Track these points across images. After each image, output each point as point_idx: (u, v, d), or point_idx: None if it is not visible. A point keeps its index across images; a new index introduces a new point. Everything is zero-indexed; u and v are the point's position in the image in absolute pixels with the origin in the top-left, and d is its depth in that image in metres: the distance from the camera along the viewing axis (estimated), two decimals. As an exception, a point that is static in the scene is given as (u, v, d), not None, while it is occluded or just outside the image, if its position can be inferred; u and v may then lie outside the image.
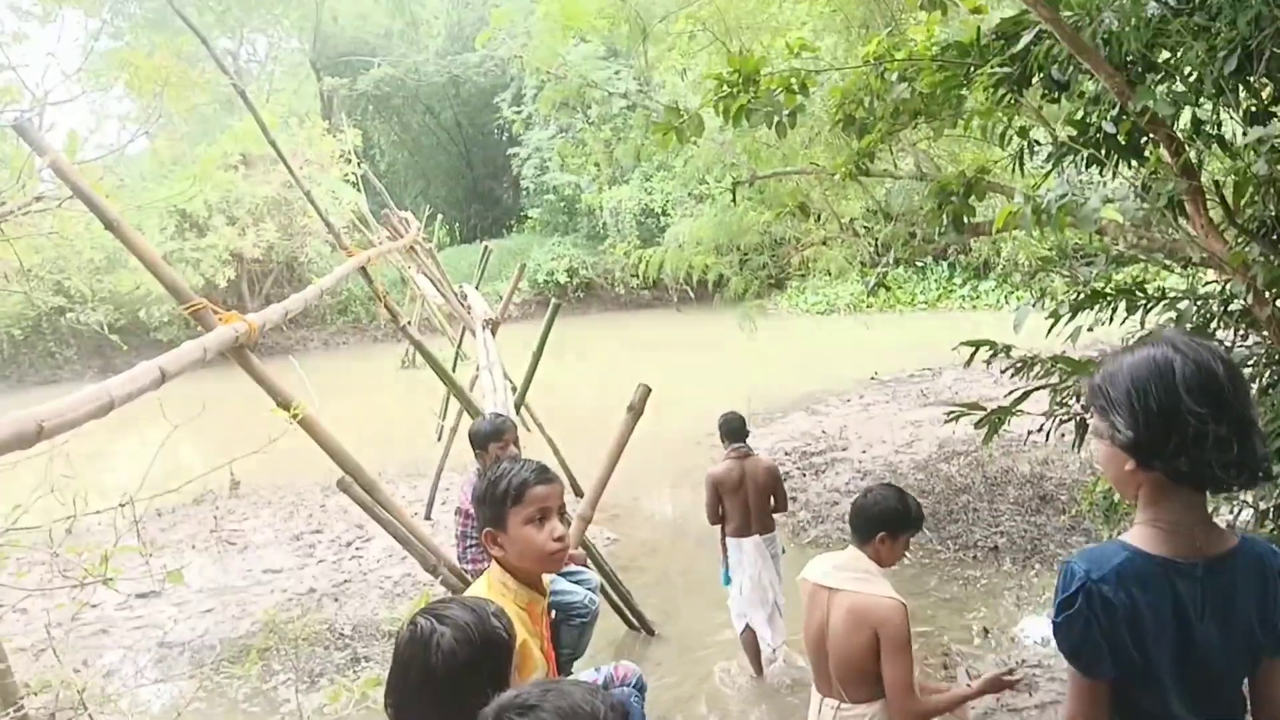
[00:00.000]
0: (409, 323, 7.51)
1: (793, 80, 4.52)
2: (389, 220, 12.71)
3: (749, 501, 5.63)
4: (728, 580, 5.75)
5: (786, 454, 10.78)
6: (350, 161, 20.70)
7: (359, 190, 15.77)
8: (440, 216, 21.61)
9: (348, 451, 3.66)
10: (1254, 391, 4.13)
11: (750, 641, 5.66)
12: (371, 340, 27.78)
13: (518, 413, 7.71)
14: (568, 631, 4.92)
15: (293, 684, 6.01)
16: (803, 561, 3.39)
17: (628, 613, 6.42)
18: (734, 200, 8.35)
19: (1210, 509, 1.97)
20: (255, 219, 24.74)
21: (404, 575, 8.01)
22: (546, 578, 4.01)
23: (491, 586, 2.49)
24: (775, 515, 5.72)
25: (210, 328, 3.37)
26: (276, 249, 25.27)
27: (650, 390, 4.30)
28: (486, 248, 12.11)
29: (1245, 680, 1.77)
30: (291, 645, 6.45)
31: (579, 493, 8.56)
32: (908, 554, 7.19)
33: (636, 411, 4.23)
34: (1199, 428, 1.64)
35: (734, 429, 5.83)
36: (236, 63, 34.33)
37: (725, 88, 4.70)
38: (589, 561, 5.79)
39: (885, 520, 3.12)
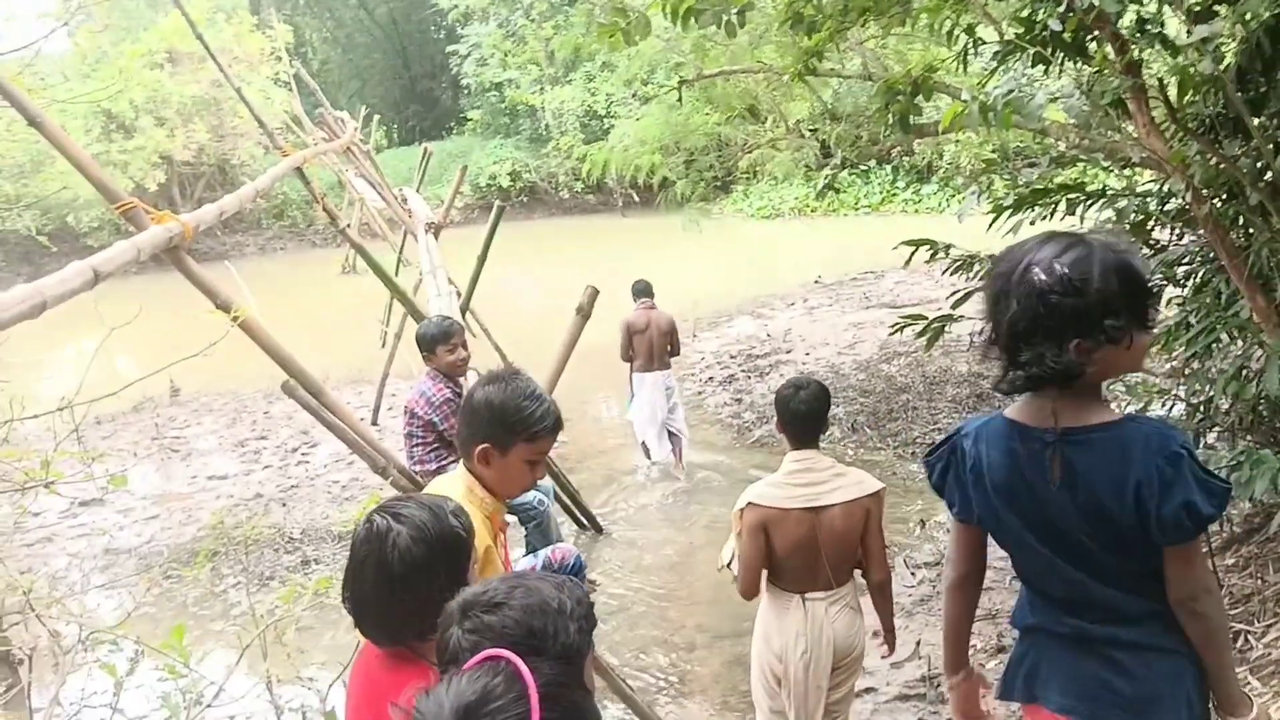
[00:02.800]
0: (348, 226, 7.34)
1: (742, -26, 4.41)
2: (324, 120, 12.30)
3: (653, 344, 7.38)
4: (632, 405, 7.49)
5: (732, 357, 10.90)
6: (281, 59, 19.88)
7: (291, 90, 15.20)
8: (377, 117, 20.93)
9: (291, 355, 3.61)
10: (1189, 288, 4.25)
11: (659, 450, 7.44)
12: (310, 245, 27.15)
13: (463, 317, 7.64)
14: (533, 533, 5.04)
15: (243, 586, 6.03)
16: (750, 460, 3.39)
17: (577, 512, 6.53)
18: (680, 100, 8.21)
19: (1144, 404, 2.07)
20: (184, 120, 23.78)
21: (352, 480, 8.01)
22: None
23: (461, 490, 2.50)
24: (671, 359, 7.53)
25: (143, 228, 3.27)
26: (207, 151, 24.39)
27: (598, 292, 4.29)
28: (426, 150, 11.81)
29: (1138, 555, 1.80)
30: (240, 549, 6.45)
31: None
32: (849, 451, 7.45)
33: (584, 314, 4.22)
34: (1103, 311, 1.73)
35: (643, 289, 7.60)
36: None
37: (672, -15, 4.58)
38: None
39: (828, 404, 3.18)
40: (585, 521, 6.58)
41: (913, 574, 5.36)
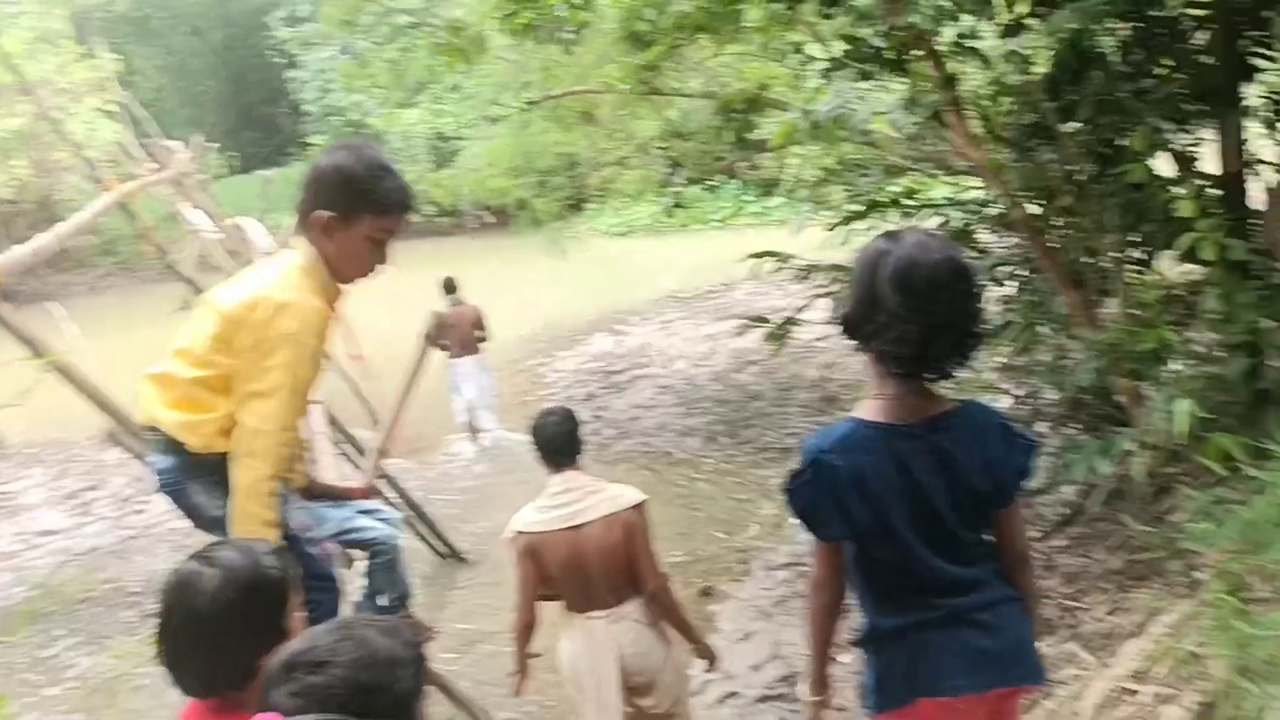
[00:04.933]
0: (181, 259, 7.00)
1: (575, -6, 4.46)
2: (152, 151, 11.69)
3: (464, 332, 8.45)
4: (453, 389, 8.61)
5: (590, 374, 10.90)
6: (108, 89, 18.82)
7: (121, 120, 14.39)
8: (215, 145, 20.08)
9: (114, 400, 3.40)
10: (1015, 288, 4.51)
11: (472, 428, 8.64)
12: (142, 282, 25.70)
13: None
14: (378, 572, 4.80)
15: (77, 648, 5.63)
16: (610, 475, 3.38)
17: (436, 542, 6.37)
18: (526, 123, 8.22)
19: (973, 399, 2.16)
20: (4, 155, 22.19)
21: (195, 528, 7.60)
22: (340, 513, 3.92)
23: (296, 266, 2.39)
24: (481, 344, 8.64)
25: (-55, 269, 3.02)
26: (29, 188, 22.82)
27: (442, 317, 4.23)
28: (267, 178, 11.39)
29: (983, 526, 1.98)
30: (70, 608, 6.03)
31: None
32: (707, 460, 7.56)
33: (430, 339, 4.14)
34: (891, 315, 1.79)
35: (449, 285, 8.72)
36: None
37: (509, 4, 4.60)
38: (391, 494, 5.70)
39: (578, 424, 3.19)
40: (446, 551, 6.42)
41: (770, 575, 5.48)
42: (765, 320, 4.88)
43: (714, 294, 14.55)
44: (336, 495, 4.06)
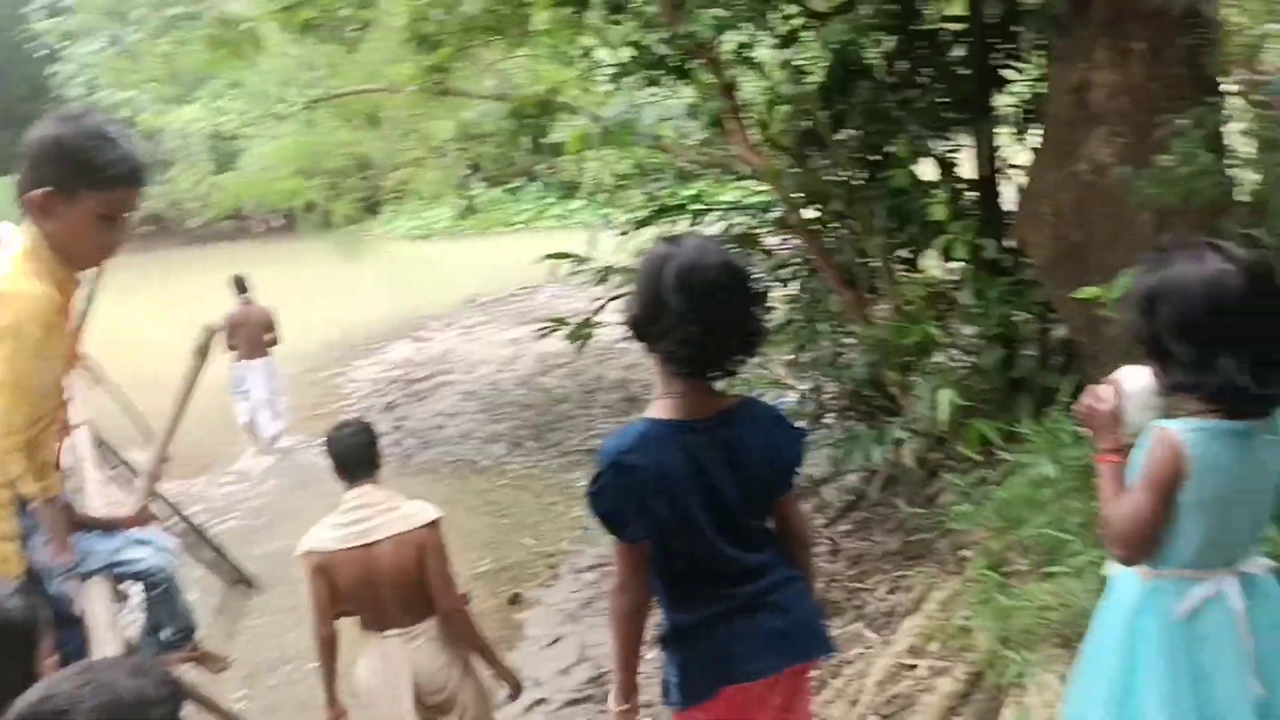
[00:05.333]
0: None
1: (356, -8, 4.31)
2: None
3: (253, 333, 8.23)
4: (234, 392, 8.30)
5: (391, 383, 10.61)
6: None
7: None
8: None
9: None
10: (796, 288, 4.72)
11: (255, 431, 8.44)
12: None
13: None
14: (155, 605, 4.44)
15: None
16: (412, 487, 3.27)
17: (224, 569, 6.00)
18: (311, 121, 7.88)
19: (761, 395, 2.28)
20: None
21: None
22: (110, 544, 3.61)
23: (17, 259, 2.16)
24: (271, 347, 8.41)
25: None
26: None
27: (215, 331, 3.97)
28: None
29: (766, 512, 2.07)
30: None
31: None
32: (513, 465, 7.50)
33: (203, 353, 3.87)
34: (674, 318, 1.84)
35: (240, 284, 8.47)
36: None
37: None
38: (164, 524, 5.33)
39: (375, 441, 3.13)
40: (235, 576, 6.06)
41: (577, 579, 5.49)
42: (565, 322, 4.89)
43: (517, 298, 14.47)
44: (105, 525, 3.75)
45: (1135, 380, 1.78)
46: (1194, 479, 1.66)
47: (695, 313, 1.83)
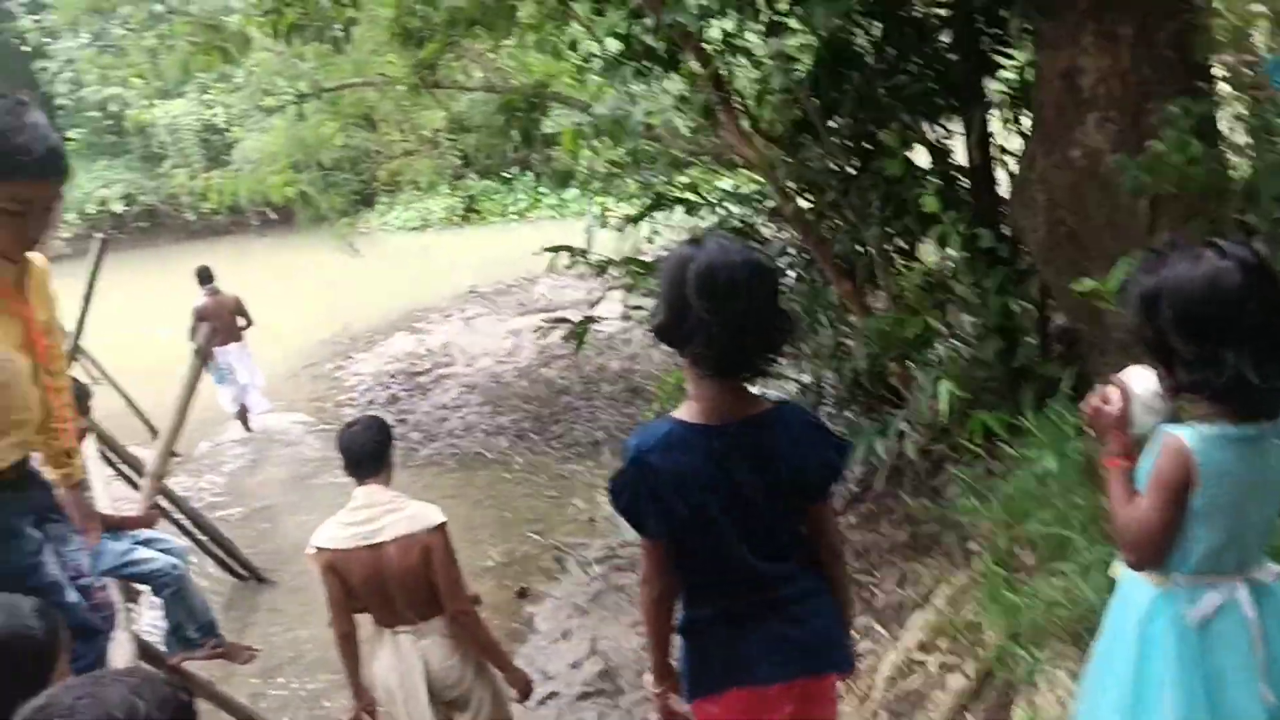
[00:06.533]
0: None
1: (340, -7, 4.27)
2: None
3: (226, 321, 8.32)
4: (220, 380, 8.49)
5: (392, 376, 10.58)
6: None
7: None
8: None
9: None
10: (794, 279, 4.70)
11: (243, 413, 8.82)
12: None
13: (74, 361, 6.83)
14: (171, 605, 4.47)
15: None
16: (418, 481, 3.24)
17: (232, 563, 6.02)
18: (301, 114, 7.82)
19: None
20: None
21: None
22: (119, 546, 3.62)
23: None
24: (245, 330, 8.69)
25: None
26: None
27: (217, 331, 3.97)
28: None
29: (796, 522, 2.05)
30: None
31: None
32: (517, 458, 7.50)
33: (204, 352, 3.89)
34: (699, 320, 1.84)
35: (205, 275, 8.62)
36: None
37: (271, 3, 4.35)
38: (174, 520, 5.35)
39: (386, 439, 3.12)
40: (244, 572, 6.08)
41: (585, 572, 5.50)
42: (566, 320, 4.87)
43: (515, 288, 14.42)
44: (112, 525, 3.76)
45: (1141, 382, 1.77)
46: (1204, 485, 1.65)
47: (719, 314, 1.82)
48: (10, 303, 2.29)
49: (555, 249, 5.51)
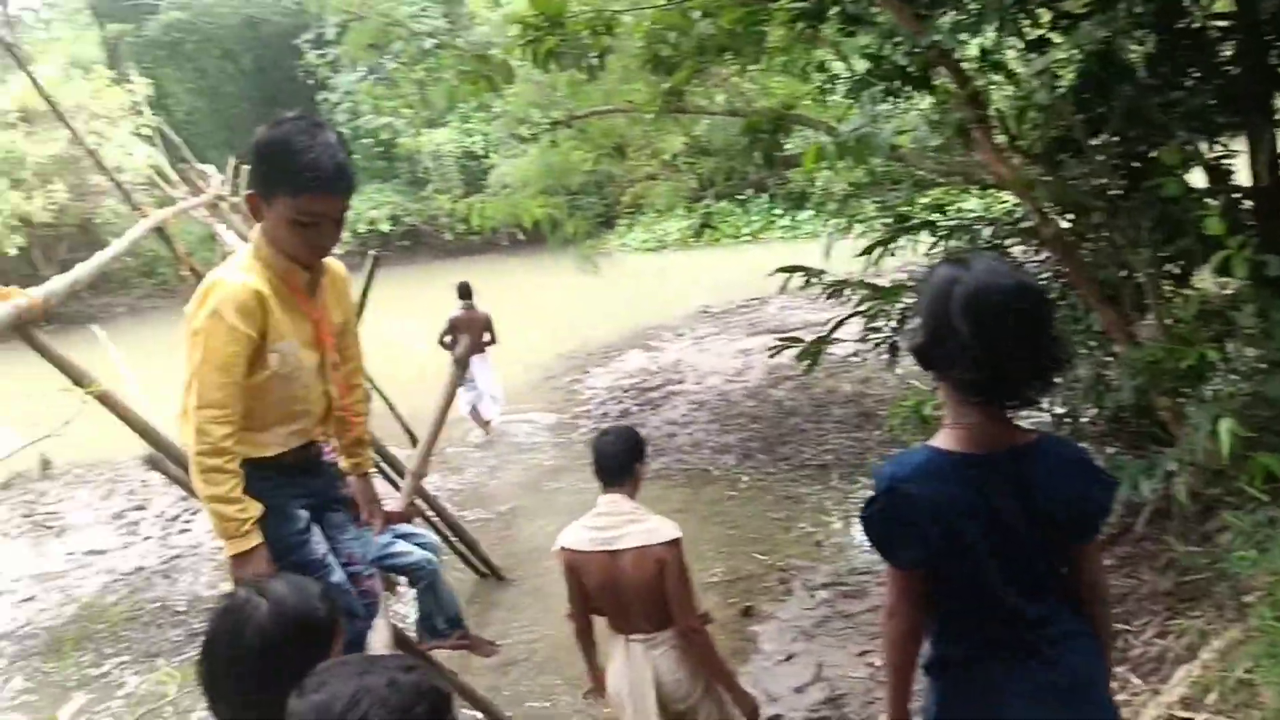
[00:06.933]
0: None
1: (598, 21, 4.47)
2: (187, 176, 11.89)
3: (475, 335, 8.80)
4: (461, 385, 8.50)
5: (625, 392, 10.91)
6: (142, 113, 19.18)
7: (155, 144, 14.68)
8: (248, 168, 20.35)
9: (154, 426, 3.45)
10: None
11: (478, 417, 9.50)
12: (182, 303, 25.77)
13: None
14: (424, 597, 4.83)
15: (127, 666, 5.73)
16: (645, 493, 3.31)
17: (476, 561, 6.40)
18: (554, 142, 8.25)
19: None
20: (42, 180, 22.66)
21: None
22: (381, 538, 3.92)
23: (247, 253, 2.37)
24: (489, 346, 9.28)
25: (-13, 307, 3.08)
26: (69, 211, 23.28)
27: (476, 348, 4.26)
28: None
29: (1058, 559, 1.94)
30: (118, 627, 6.13)
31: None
32: (743, 477, 7.52)
33: (462, 363, 4.18)
34: (962, 345, 1.77)
35: (464, 290, 9.35)
36: (6, 12, 31.07)
37: (530, 31, 4.62)
38: (426, 516, 5.73)
39: (634, 451, 3.17)
40: (486, 570, 6.44)
41: (811, 596, 5.43)
42: (798, 340, 4.84)
43: (746, 309, 14.52)
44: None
45: None
46: None
47: (986, 339, 1.75)
48: (302, 304, 2.49)
49: (790, 270, 5.50)
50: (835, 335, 5.23)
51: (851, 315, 4.89)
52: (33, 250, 23.45)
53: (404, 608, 5.13)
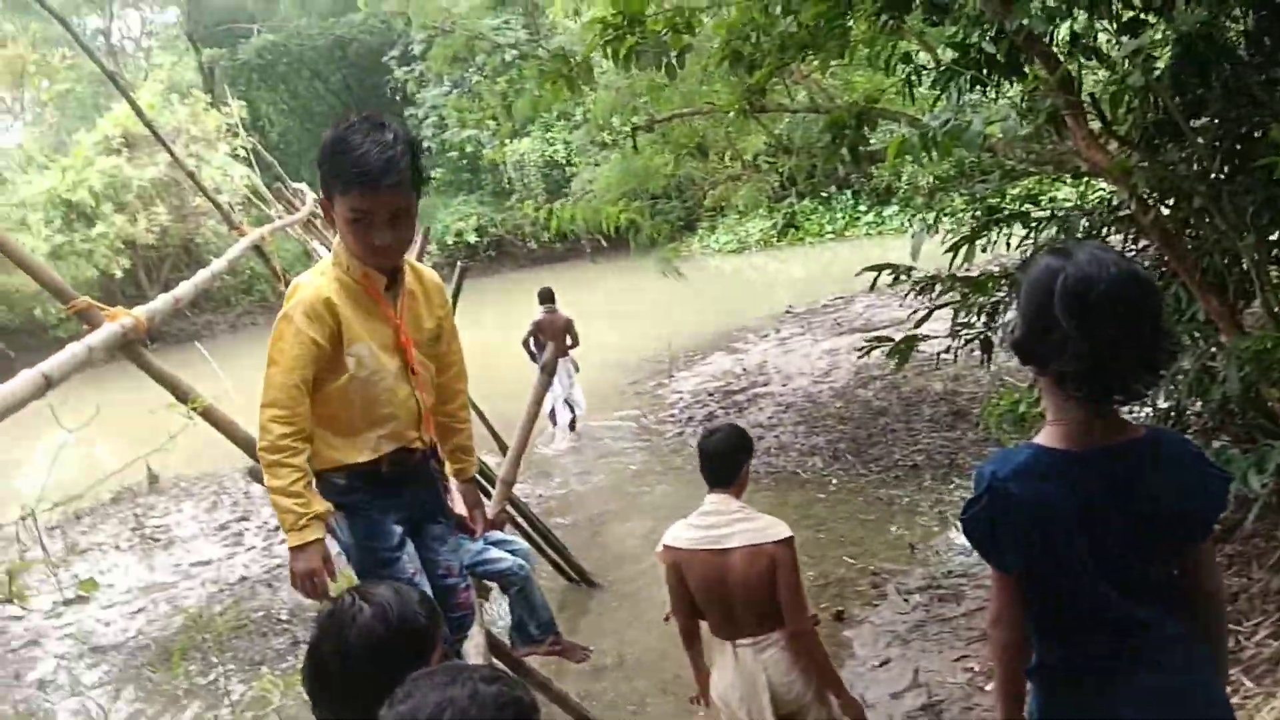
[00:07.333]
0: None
1: (678, 19, 4.48)
2: (282, 194, 12.30)
3: (556, 338, 8.85)
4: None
5: (710, 394, 10.88)
6: (238, 135, 19.91)
7: (251, 165, 15.26)
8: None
9: (255, 439, 3.56)
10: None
11: (553, 416, 9.68)
12: (282, 318, 26.87)
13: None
14: (516, 602, 4.87)
15: (233, 674, 5.93)
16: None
17: (566, 567, 6.45)
18: (634, 146, 8.28)
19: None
20: (145, 203, 23.72)
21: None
22: (474, 546, 3.94)
23: (329, 257, 2.43)
24: (572, 349, 9.51)
25: (97, 326, 3.23)
26: (171, 233, 24.32)
27: (559, 351, 4.30)
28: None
29: (1168, 560, 1.86)
30: (223, 636, 6.35)
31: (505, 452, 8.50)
32: (833, 479, 7.43)
33: (549, 370, 4.22)
34: (1066, 339, 1.70)
35: (546, 295, 9.64)
36: (109, 42, 32.66)
37: (610, 30, 4.65)
38: (515, 523, 5.80)
39: (743, 449, 3.14)
40: (575, 576, 6.49)
41: (905, 600, 5.32)
42: (888, 339, 4.76)
43: (831, 308, 14.35)
44: (466, 526, 4.15)
45: None
46: None
47: (1090, 332, 1.68)
48: (380, 307, 2.52)
49: (878, 268, 5.41)
50: (924, 332, 5.12)
51: (941, 306, 4.78)
52: (137, 271, 24.56)
53: (498, 612, 5.20)
